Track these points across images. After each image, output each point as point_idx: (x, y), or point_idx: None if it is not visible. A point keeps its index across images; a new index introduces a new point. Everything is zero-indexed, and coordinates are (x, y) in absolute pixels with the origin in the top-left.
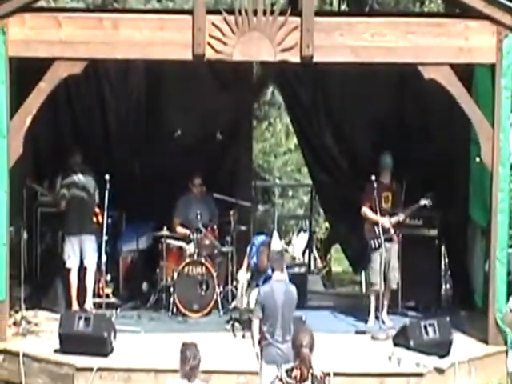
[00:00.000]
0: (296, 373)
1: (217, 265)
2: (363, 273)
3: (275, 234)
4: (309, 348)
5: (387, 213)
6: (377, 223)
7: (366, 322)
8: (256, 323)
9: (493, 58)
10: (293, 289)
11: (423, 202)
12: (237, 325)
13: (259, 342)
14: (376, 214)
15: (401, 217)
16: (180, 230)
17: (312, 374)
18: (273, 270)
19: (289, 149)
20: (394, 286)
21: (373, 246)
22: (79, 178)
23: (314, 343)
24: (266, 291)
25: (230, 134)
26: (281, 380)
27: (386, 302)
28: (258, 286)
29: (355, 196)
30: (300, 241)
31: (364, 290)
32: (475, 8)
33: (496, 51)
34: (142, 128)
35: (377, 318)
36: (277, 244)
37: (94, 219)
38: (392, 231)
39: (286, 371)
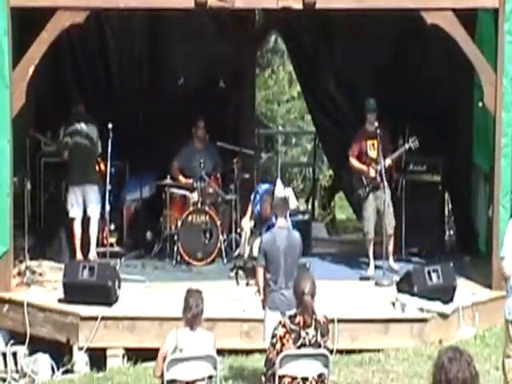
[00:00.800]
0: (299, 319)
1: (220, 213)
2: None
3: (279, 182)
4: (310, 295)
5: (373, 160)
6: (363, 172)
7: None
8: (260, 271)
9: (496, 2)
10: (296, 235)
11: (407, 145)
12: (240, 272)
13: (263, 290)
14: (362, 162)
15: (387, 162)
16: (182, 178)
17: (315, 320)
18: (276, 217)
19: (292, 96)
20: (391, 231)
21: (361, 195)
22: (82, 126)
23: (316, 290)
24: (268, 238)
25: (232, 82)
26: (284, 326)
27: (389, 248)
28: (261, 234)
29: None
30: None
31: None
32: None
33: None
34: (144, 77)
35: (377, 266)
36: (280, 191)
37: (97, 168)
38: (379, 179)
39: (289, 317)
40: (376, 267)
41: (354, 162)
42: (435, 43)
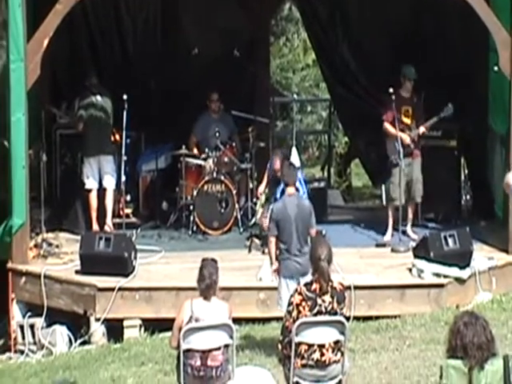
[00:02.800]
0: (315, 286)
1: (236, 182)
2: (383, 186)
3: (294, 150)
4: (327, 261)
5: (407, 127)
6: (397, 138)
7: (385, 234)
8: (272, 240)
9: None
10: (306, 202)
11: (443, 114)
12: (256, 241)
13: (276, 258)
14: (396, 128)
15: (420, 130)
16: (196, 151)
17: (331, 287)
18: (286, 185)
19: (307, 64)
20: (419, 200)
21: (393, 161)
22: (97, 98)
23: (332, 256)
24: (278, 207)
25: (247, 50)
26: (300, 294)
27: (410, 216)
28: (276, 199)
29: (374, 110)
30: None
31: (384, 203)
32: None
33: None
34: (159, 47)
35: (396, 230)
36: (296, 159)
37: (113, 139)
38: (412, 146)
39: (305, 284)
40: (392, 234)
41: (388, 127)
42: (450, 7)
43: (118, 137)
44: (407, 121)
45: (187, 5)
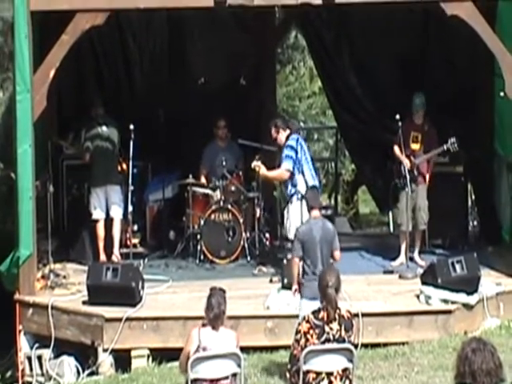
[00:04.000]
0: (323, 314)
1: (243, 210)
2: (390, 213)
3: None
4: (335, 288)
5: (413, 154)
6: (401, 162)
7: (393, 261)
8: (297, 261)
9: None
10: (330, 225)
11: (445, 146)
12: (264, 269)
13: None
14: (402, 153)
15: (421, 159)
16: (203, 180)
17: (339, 315)
18: (311, 208)
19: (313, 92)
20: (422, 227)
21: (398, 185)
22: (103, 129)
23: (340, 284)
24: (304, 229)
25: (253, 79)
26: (308, 322)
27: (417, 243)
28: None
29: (380, 136)
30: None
31: (392, 230)
32: None
33: None
34: (165, 77)
35: (408, 257)
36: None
37: (120, 168)
38: (416, 173)
39: (313, 312)
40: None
41: (395, 149)
42: (456, 33)
43: (124, 166)
44: (415, 147)
45: (193, 34)
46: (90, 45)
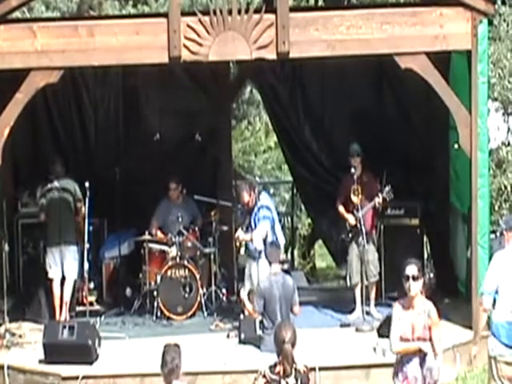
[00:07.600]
0: (279, 368)
1: (200, 266)
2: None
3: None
4: (291, 344)
5: (355, 207)
6: (344, 218)
7: (350, 314)
8: (258, 317)
9: (468, 44)
10: (289, 281)
11: (381, 196)
12: (221, 324)
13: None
14: (347, 208)
15: (363, 211)
16: (160, 234)
17: (295, 369)
18: (270, 263)
19: (269, 147)
20: (372, 280)
21: (344, 240)
22: (54, 183)
23: (296, 339)
24: (265, 287)
25: (209, 134)
26: (264, 376)
27: (372, 296)
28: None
29: (336, 190)
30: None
31: (349, 284)
32: None
33: (471, 37)
34: (120, 134)
35: (364, 310)
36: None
37: (75, 226)
38: (360, 226)
39: (269, 367)
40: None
41: (338, 207)
42: (410, 86)
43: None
44: (355, 200)
45: (148, 92)
46: (45, 102)
